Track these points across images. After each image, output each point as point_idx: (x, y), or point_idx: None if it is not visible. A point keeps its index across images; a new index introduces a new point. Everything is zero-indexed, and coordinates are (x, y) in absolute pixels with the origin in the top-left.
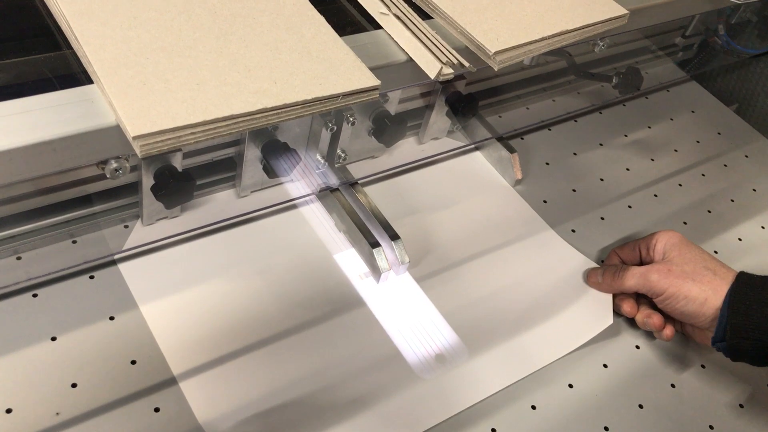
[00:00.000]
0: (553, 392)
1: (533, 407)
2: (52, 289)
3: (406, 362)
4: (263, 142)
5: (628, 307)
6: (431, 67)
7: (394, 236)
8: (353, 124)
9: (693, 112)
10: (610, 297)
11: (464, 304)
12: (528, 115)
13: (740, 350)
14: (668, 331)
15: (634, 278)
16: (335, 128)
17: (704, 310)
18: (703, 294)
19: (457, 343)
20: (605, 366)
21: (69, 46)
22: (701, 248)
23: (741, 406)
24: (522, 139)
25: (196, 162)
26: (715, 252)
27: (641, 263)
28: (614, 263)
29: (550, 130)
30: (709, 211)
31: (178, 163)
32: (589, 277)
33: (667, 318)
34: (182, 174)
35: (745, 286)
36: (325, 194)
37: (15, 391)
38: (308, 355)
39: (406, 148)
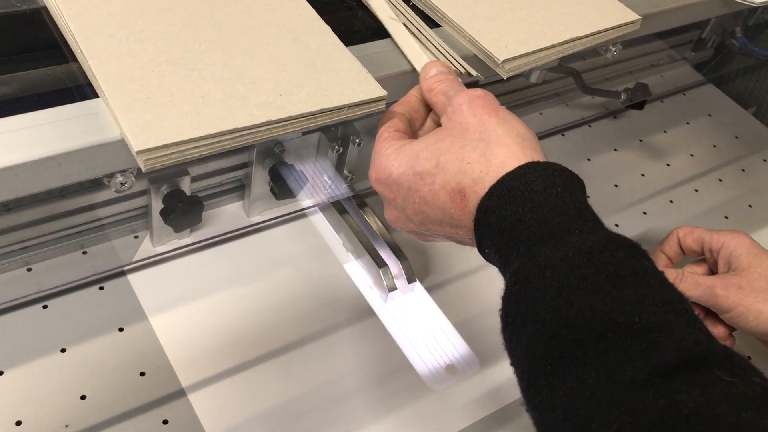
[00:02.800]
0: None
1: None
2: (61, 301)
3: (417, 374)
4: (270, 165)
5: None
6: None
7: (400, 256)
8: (359, 145)
9: (710, 115)
10: None
11: (475, 314)
12: (541, 120)
13: None
14: (731, 341)
15: (697, 290)
16: (341, 150)
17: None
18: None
19: (468, 354)
20: None
21: (75, 60)
22: None
23: None
24: None
25: (205, 185)
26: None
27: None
28: (663, 263)
29: (563, 135)
30: (727, 217)
31: (187, 186)
32: None
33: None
34: (191, 198)
35: None
36: (332, 214)
37: (25, 403)
38: (317, 367)
39: None
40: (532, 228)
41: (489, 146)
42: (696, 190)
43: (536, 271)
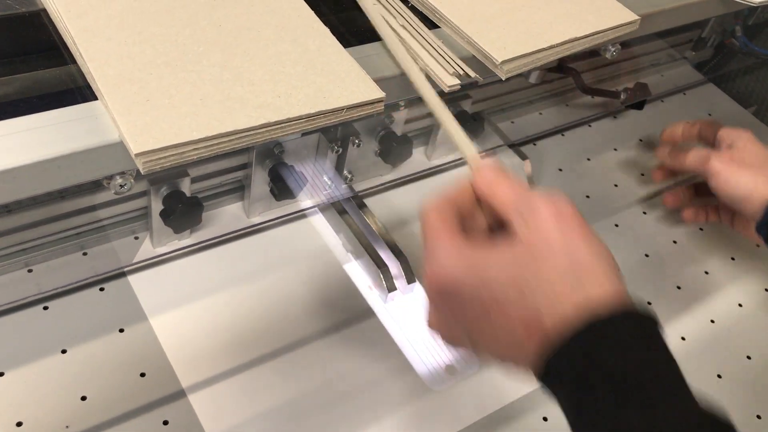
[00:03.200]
0: None
1: (545, 419)
2: (62, 302)
3: (417, 374)
4: (270, 166)
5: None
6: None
7: (400, 256)
8: (359, 145)
9: (710, 115)
10: None
11: None
12: (541, 120)
13: None
14: (689, 213)
15: (696, 157)
16: (341, 150)
17: (754, 196)
18: (756, 181)
19: (467, 354)
20: None
21: (74, 62)
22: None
23: (759, 416)
24: (534, 144)
25: (205, 186)
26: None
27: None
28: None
29: (563, 135)
30: None
31: (187, 188)
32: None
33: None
34: (190, 199)
35: None
36: (332, 214)
37: (25, 404)
38: (317, 367)
39: (414, 163)
40: (619, 387)
41: (579, 279)
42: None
43: None
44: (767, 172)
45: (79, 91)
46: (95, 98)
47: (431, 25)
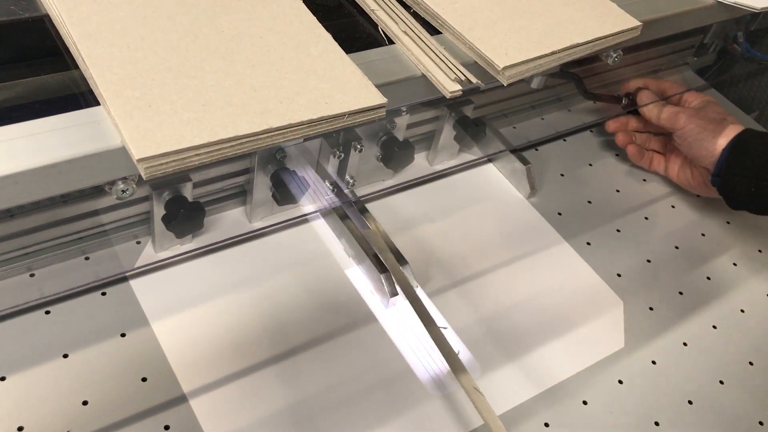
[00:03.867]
0: (567, 409)
1: (546, 425)
2: (64, 306)
3: (418, 379)
4: (272, 171)
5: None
6: (446, 85)
7: (402, 261)
8: (360, 151)
9: None
10: (621, 320)
11: (476, 319)
12: (542, 125)
13: (734, 188)
14: (633, 149)
15: (666, 113)
16: (342, 155)
17: (712, 147)
18: (715, 134)
19: (469, 360)
20: (620, 382)
21: (77, 67)
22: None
23: (761, 423)
24: (536, 150)
25: (207, 191)
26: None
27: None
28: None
29: (565, 140)
30: (728, 222)
31: (189, 193)
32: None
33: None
34: (192, 204)
35: (750, 134)
36: (333, 219)
37: (26, 409)
38: (319, 372)
39: (416, 168)
40: None
41: None
42: (698, 196)
43: None
44: (724, 126)
45: (82, 97)
46: (97, 103)
47: (433, 31)
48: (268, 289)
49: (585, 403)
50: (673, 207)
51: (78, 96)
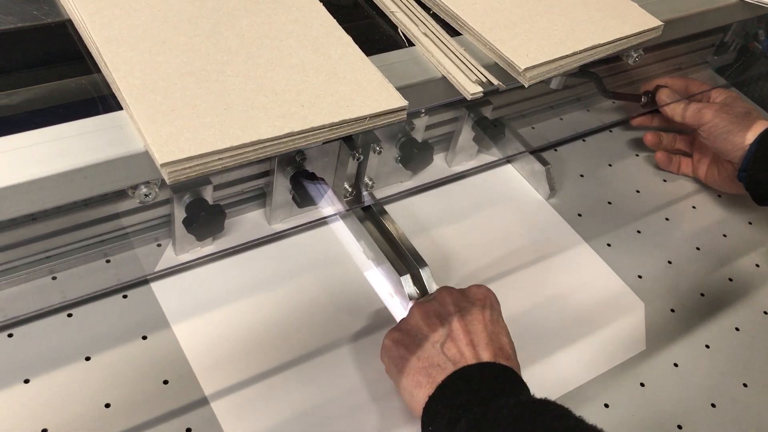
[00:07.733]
0: (589, 412)
1: None
2: (86, 309)
3: None
4: (291, 173)
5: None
6: (466, 86)
7: (421, 264)
8: (380, 153)
9: None
10: (642, 322)
11: None
12: (562, 126)
13: (761, 184)
14: (661, 156)
15: (690, 110)
16: (362, 158)
17: (739, 142)
18: (742, 128)
19: None
20: (642, 385)
21: (99, 71)
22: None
23: None
24: (555, 150)
25: (227, 194)
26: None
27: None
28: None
29: (584, 141)
30: (750, 223)
31: (209, 195)
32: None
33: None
34: (213, 207)
35: None
36: (353, 221)
37: (50, 411)
38: (339, 374)
39: (435, 169)
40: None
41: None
42: (719, 195)
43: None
44: (750, 121)
45: (104, 101)
46: (120, 108)
47: (453, 32)
48: (288, 292)
49: (606, 406)
50: (694, 207)
51: (100, 100)
